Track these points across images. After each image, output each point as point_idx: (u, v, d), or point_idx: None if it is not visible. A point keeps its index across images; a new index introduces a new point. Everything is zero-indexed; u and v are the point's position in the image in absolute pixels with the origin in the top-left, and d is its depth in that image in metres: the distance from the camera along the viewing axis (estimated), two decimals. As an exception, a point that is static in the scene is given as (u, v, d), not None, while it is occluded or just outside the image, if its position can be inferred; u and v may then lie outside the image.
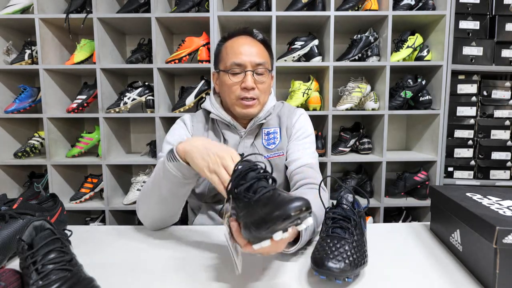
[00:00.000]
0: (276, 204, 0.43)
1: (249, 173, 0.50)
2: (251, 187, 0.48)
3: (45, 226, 0.51)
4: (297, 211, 0.41)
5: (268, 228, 0.42)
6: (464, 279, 0.55)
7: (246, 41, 0.88)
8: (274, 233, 0.43)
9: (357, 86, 1.70)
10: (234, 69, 0.86)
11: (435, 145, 1.66)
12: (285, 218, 0.41)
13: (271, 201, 0.44)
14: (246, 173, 0.50)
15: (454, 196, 0.66)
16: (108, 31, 1.67)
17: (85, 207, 1.69)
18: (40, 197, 0.83)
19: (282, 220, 0.41)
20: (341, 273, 0.49)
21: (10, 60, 1.69)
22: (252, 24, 1.69)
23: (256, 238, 0.45)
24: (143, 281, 0.56)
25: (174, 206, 0.75)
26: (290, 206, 0.41)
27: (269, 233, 0.43)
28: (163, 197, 0.71)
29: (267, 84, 0.90)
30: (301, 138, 0.93)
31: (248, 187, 0.48)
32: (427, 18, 1.64)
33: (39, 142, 1.74)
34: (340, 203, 0.61)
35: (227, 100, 0.90)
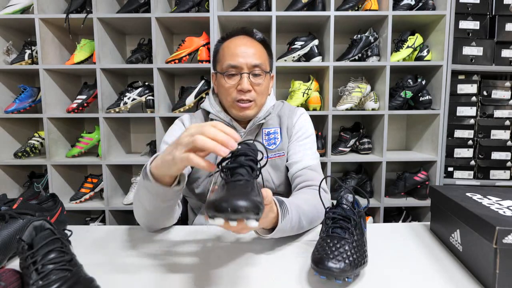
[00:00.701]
0: (231, 194, 0.45)
1: (239, 157, 0.52)
2: (234, 169, 0.51)
3: (45, 226, 0.51)
4: (240, 210, 0.42)
5: (214, 211, 0.44)
6: (464, 279, 0.55)
7: (243, 42, 0.87)
8: (216, 218, 0.44)
9: (357, 86, 1.70)
10: (230, 71, 0.85)
11: (435, 145, 1.66)
12: (228, 210, 0.42)
13: (232, 190, 0.47)
14: (238, 155, 0.53)
15: (454, 196, 0.66)
16: (108, 31, 1.67)
17: (85, 207, 1.70)
18: (40, 197, 0.83)
19: (225, 211, 0.42)
20: (341, 273, 0.49)
21: (10, 60, 1.69)
22: (252, 24, 1.69)
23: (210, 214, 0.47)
24: (143, 281, 0.56)
25: (162, 216, 0.72)
26: (237, 203, 0.42)
27: (214, 216, 0.44)
28: (147, 210, 0.69)
29: (264, 86, 0.89)
30: (302, 138, 0.93)
31: (231, 168, 0.51)
32: (427, 18, 1.64)
33: (39, 142, 1.74)
34: (340, 203, 0.61)
35: (224, 102, 0.90)
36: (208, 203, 0.46)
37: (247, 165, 0.52)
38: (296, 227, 0.67)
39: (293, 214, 0.65)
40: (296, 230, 0.68)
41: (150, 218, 0.72)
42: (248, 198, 0.44)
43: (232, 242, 0.70)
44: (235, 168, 0.51)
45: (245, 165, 0.52)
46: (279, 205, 0.62)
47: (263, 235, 0.63)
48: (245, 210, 0.43)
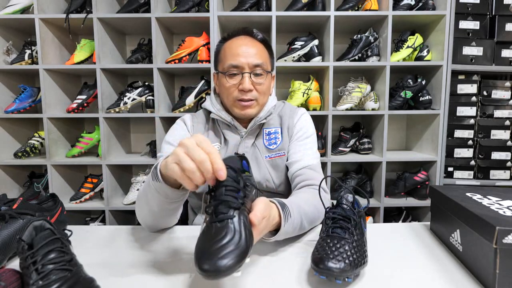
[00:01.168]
0: (211, 250, 0.44)
1: (219, 188, 0.49)
2: (216, 207, 0.49)
3: (45, 226, 0.51)
4: (221, 271, 0.42)
5: (197, 267, 0.43)
6: (464, 279, 0.55)
7: (244, 42, 0.88)
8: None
9: (357, 86, 1.70)
10: (232, 71, 0.85)
11: (435, 145, 1.66)
12: (207, 272, 0.42)
13: (209, 241, 0.45)
14: (218, 187, 0.50)
15: (454, 196, 0.66)
16: (108, 31, 1.67)
17: (85, 207, 1.70)
18: (40, 197, 0.83)
19: (206, 272, 0.42)
20: (341, 273, 0.49)
21: (10, 60, 1.69)
22: (252, 24, 1.69)
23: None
24: (143, 281, 0.56)
25: (166, 218, 0.72)
26: (217, 264, 0.42)
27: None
28: (153, 210, 0.68)
29: (266, 85, 0.89)
30: (302, 138, 0.93)
31: (214, 206, 0.49)
32: (427, 18, 1.64)
33: (39, 142, 1.75)
34: (340, 203, 0.61)
35: (226, 102, 0.90)
36: (195, 251, 0.46)
37: (227, 199, 0.49)
38: (298, 228, 0.67)
39: (295, 216, 0.65)
40: (298, 231, 0.68)
41: (155, 218, 0.72)
42: (229, 254, 0.43)
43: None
44: (217, 205, 0.49)
45: (225, 200, 0.48)
46: (281, 208, 0.62)
47: (266, 238, 0.63)
48: (227, 269, 0.42)
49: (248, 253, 0.45)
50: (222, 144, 0.92)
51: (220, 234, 0.46)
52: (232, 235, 0.46)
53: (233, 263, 0.43)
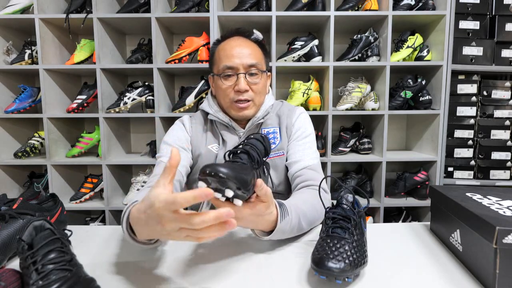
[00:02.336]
0: (220, 165, 0.48)
1: (245, 145, 0.59)
2: (236, 154, 0.58)
3: (45, 226, 0.51)
4: (222, 175, 0.45)
5: (200, 175, 0.47)
6: (464, 279, 0.55)
7: (238, 43, 0.88)
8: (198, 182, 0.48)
9: (357, 86, 1.70)
10: (226, 72, 0.86)
11: (435, 145, 1.66)
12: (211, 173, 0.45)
13: (226, 164, 0.51)
14: (245, 144, 0.59)
15: (454, 196, 0.66)
16: (108, 31, 1.67)
17: (85, 207, 1.70)
18: (40, 197, 0.83)
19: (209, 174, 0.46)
20: (341, 273, 0.49)
21: (10, 60, 1.69)
22: (252, 24, 1.69)
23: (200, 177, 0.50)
24: (143, 281, 0.56)
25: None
26: (220, 169, 0.46)
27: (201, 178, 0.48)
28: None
29: (262, 85, 0.89)
30: (301, 138, 0.93)
31: (234, 152, 0.58)
32: (427, 18, 1.64)
33: (39, 142, 1.74)
34: (340, 203, 0.61)
35: (223, 103, 0.90)
36: (200, 169, 0.49)
37: (249, 153, 0.56)
38: (295, 228, 0.67)
39: (293, 215, 0.65)
40: (296, 232, 0.68)
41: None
42: (234, 170, 0.46)
43: (232, 242, 0.70)
44: (237, 153, 0.56)
45: (247, 151, 0.56)
46: (278, 206, 0.62)
47: (262, 236, 0.63)
48: (227, 177, 0.45)
49: (248, 188, 0.48)
50: (221, 145, 0.92)
51: (232, 164, 0.52)
52: (242, 169, 0.50)
53: (232, 174, 0.46)
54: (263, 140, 0.61)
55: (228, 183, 0.46)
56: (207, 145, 0.92)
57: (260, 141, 0.60)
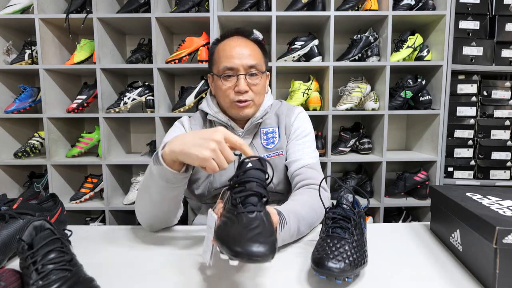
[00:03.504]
0: (247, 237, 0.43)
1: (250, 182, 0.51)
2: (245, 198, 0.50)
3: (45, 226, 0.51)
4: (257, 258, 0.41)
5: (228, 254, 0.43)
6: (464, 279, 0.55)
7: (238, 43, 0.88)
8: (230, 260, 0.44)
9: (357, 86, 1.70)
10: (227, 73, 0.86)
11: (435, 145, 1.66)
12: (245, 257, 0.42)
13: (246, 228, 0.45)
14: (248, 181, 0.52)
15: (454, 196, 0.66)
16: (108, 31, 1.67)
17: (85, 207, 1.70)
18: (40, 197, 0.83)
19: (241, 257, 0.42)
20: (341, 273, 0.49)
21: (10, 60, 1.69)
22: (252, 24, 1.69)
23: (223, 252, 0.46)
24: (143, 281, 0.56)
25: (167, 209, 0.73)
26: (254, 250, 0.42)
27: (227, 257, 0.44)
28: (154, 200, 0.69)
29: (261, 85, 0.89)
30: (300, 137, 0.93)
31: (242, 196, 0.50)
32: (427, 18, 1.64)
33: (39, 142, 1.74)
34: (340, 203, 0.61)
35: (222, 104, 0.90)
36: (221, 237, 0.45)
37: (258, 193, 0.50)
38: (295, 234, 0.67)
39: (291, 223, 0.66)
40: (296, 237, 0.69)
41: (155, 210, 0.72)
42: (264, 242, 0.43)
43: (232, 242, 0.70)
44: (247, 196, 0.50)
45: (256, 192, 0.50)
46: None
47: None
48: (262, 257, 0.42)
49: (276, 252, 0.44)
50: None
51: (252, 224, 0.46)
52: (264, 226, 0.46)
53: (267, 252, 0.42)
54: (262, 167, 0.55)
55: (264, 260, 0.42)
56: None
57: (260, 170, 0.54)
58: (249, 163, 0.54)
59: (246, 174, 0.53)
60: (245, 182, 0.52)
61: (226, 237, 0.45)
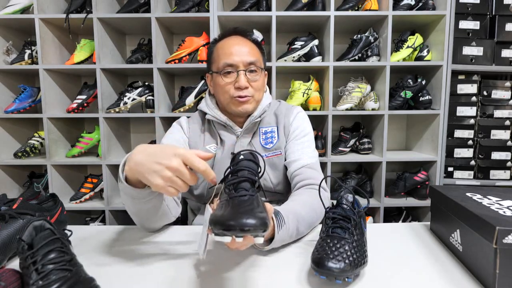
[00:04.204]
0: (239, 212, 0.45)
1: (242, 171, 0.54)
2: (236, 184, 0.52)
3: (45, 226, 0.51)
4: (248, 228, 0.43)
5: (221, 229, 0.44)
6: (464, 279, 0.55)
7: (237, 41, 0.89)
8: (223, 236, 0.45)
9: (357, 86, 1.70)
10: (227, 69, 0.86)
11: (435, 145, 1.66)
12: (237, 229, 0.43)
13: (238, 207, 0.47)
14: (241, 169, 0.54)
15: (454, 196, 0.66)
16: (108, 31, 1.67)
17: (85, 207, 1.69)
18: (40, 197, 0.83)
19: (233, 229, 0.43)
20: (341, 273, 0.49)
21: (10, 60, 1.69)
22: (252, 24, 1.69)
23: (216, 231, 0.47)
24: (143, 281, 0.56)
25: (150, 217, 0.70)
26: (245, 221, 0.43)
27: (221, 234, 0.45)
28: (132, 211, 0.68)
29: (261, 82, 0.90)
30: (300, 137, 0.93)
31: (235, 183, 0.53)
32: (427, 18, 1.64)
33: (39, 142, 1.74)
34: (340, 203, 0.61)
35: (222, 100, 0.90)
36: (214, 219, 0.46)
37: (250, 179, 0.53)
38: (294, 234, 0.67)
39: (290, 222, 0.65)
40: (295, 237, 0.69)
41: (139, 218, 0.72)
42: (255, 215, 0.44)
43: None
44: (239, 182, 0.52)
45: (248, 179, 0.53)
46: (274, 216, 0.62)
47: (262, 247, 0.63)
48: (253, 228, 0.43)
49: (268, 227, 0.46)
50: (219, 145, 0.92)
51: (245, 204, 0.48)
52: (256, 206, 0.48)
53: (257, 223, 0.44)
54: (254, 158, 0.57)
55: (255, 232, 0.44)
56: (205, 145, 0.92)
57: (252, 161, 0.56)
58: (241, 155, 0.56)
59: (238, 164, 0.55)
60: (238, 171, 0.54)
61: (220, 217, 0.46)
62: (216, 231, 0.45)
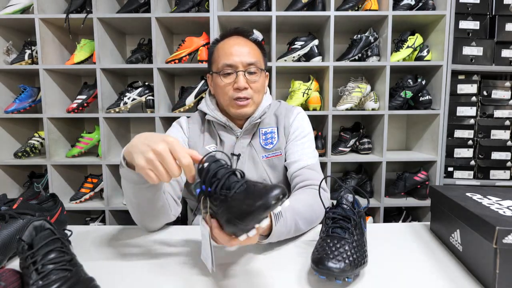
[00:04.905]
0: (256, 195, 0.45)
1: (219, 171, 0.50)
2: (224, 184, 0.49)
3: (45, 226, 0.51)
4: (277, 199, 0.43)
5: (254, 218, 0.44)
6: (464, 279, 0.55)
7: (237, 42, 0.88)
8: (260, 222, 0.45)
9: (357, 86, 1.70)
10: (226, 70, 0.86)
11: (435, 145, 1.66)
12: (267, 207, 0.43)
13: (250, 194, 0.46)
14: (216, 171, 0.50)
15: (454, 196, 0.66)
16: (108, 31, 1.67)
17: (85, 207, 1.69)
18: (40, 197, 0.83)
19: (265, 209, 0.43)
20: (341, 273, 0.49)
21: (10, 60, 1.69)
22: (252, 24, 1.69)
23: (242, 230, 0.47)
24: (143, 281, 0.56)
25: (151, 210, 0.70)
26: (270, 195, 0.43)
27: (256, 222, 0.45)
28: (133, 203, 0.68)
29: (260, 83, 0.90)
30: (300, 138, 0.93)
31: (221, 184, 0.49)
32: (427, 18, 1.64)
33: (39, 142, 1.74)
34: (340, 203, 0.61)
35: (222, 101, 0.90)
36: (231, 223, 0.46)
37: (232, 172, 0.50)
38: (293, 229, 0.67)
39: (288, 216, 0.65)
40: (294, 232, 0.68)
41: (140, 213, 0.71)
42: (273, 187, 0.45)
43: (232, 242, 0.70)
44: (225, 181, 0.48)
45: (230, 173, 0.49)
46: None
47: (259, 241, 0.63)
48: (282, 194, 0.44)
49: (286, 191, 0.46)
50: (218, 145, 0.92)
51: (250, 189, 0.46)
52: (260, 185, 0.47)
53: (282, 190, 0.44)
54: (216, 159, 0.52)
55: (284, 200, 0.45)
56: (205, 146, 0.92)
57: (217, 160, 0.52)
58: (205, 163, 0.51)
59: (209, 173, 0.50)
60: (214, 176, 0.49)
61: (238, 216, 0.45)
62: (249, 224, 0.45)
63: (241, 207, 0.45)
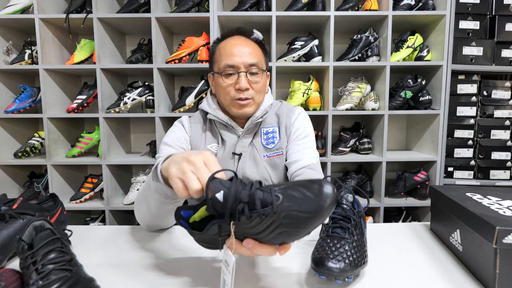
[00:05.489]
0: (312, 199, 0.44)
1: (240, 194, 0.43)
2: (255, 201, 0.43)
3: (45, 226, 0.51)
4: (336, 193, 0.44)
5: (321, 218, 0.44)
6: (464, 279, 0.55)
7: (239, 42, 0.88)
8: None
9: (357, 86, 1.70)
10: (228, 70, 0.86)
11: (435, 145, 1.66)
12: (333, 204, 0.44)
13: (300, 199, 0.43)
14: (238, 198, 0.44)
15: (454, 196, 0.66)
16: (108, 31, 1.67)
17: (85, 207, 1.69)
18: (40, 197, 0.83)
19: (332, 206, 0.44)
20: (341, 273, 0.49)
21: (10, 60, 1.69)
22: (252, 24, 1.69)
23: (299, 235, 0.45)
24: (143, 281, 0.56)
25: (165, 218, 0.72)
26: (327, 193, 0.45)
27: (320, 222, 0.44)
28: (151, 211, 0.69)
29: (262, 84, 0.90)
30: (301, 138, 0.93)
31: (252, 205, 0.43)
32: (427, 18, 1.64)
33: (39, 142, 1.74)
34: (340, 203, 0.61)
35: (223, 101, 0.90)
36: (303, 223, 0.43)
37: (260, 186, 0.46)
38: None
39: None
40: None
41: (153, 218, 0.72)
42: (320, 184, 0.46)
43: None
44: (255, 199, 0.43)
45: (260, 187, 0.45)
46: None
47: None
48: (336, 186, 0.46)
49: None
50: (220, 145, 0.92)
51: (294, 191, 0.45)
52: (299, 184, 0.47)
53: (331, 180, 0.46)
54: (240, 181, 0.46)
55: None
56: (206, 145, 0.92)
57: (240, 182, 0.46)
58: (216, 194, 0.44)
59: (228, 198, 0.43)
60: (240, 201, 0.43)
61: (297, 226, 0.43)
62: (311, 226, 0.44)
63: (298, 215, 0.42)
